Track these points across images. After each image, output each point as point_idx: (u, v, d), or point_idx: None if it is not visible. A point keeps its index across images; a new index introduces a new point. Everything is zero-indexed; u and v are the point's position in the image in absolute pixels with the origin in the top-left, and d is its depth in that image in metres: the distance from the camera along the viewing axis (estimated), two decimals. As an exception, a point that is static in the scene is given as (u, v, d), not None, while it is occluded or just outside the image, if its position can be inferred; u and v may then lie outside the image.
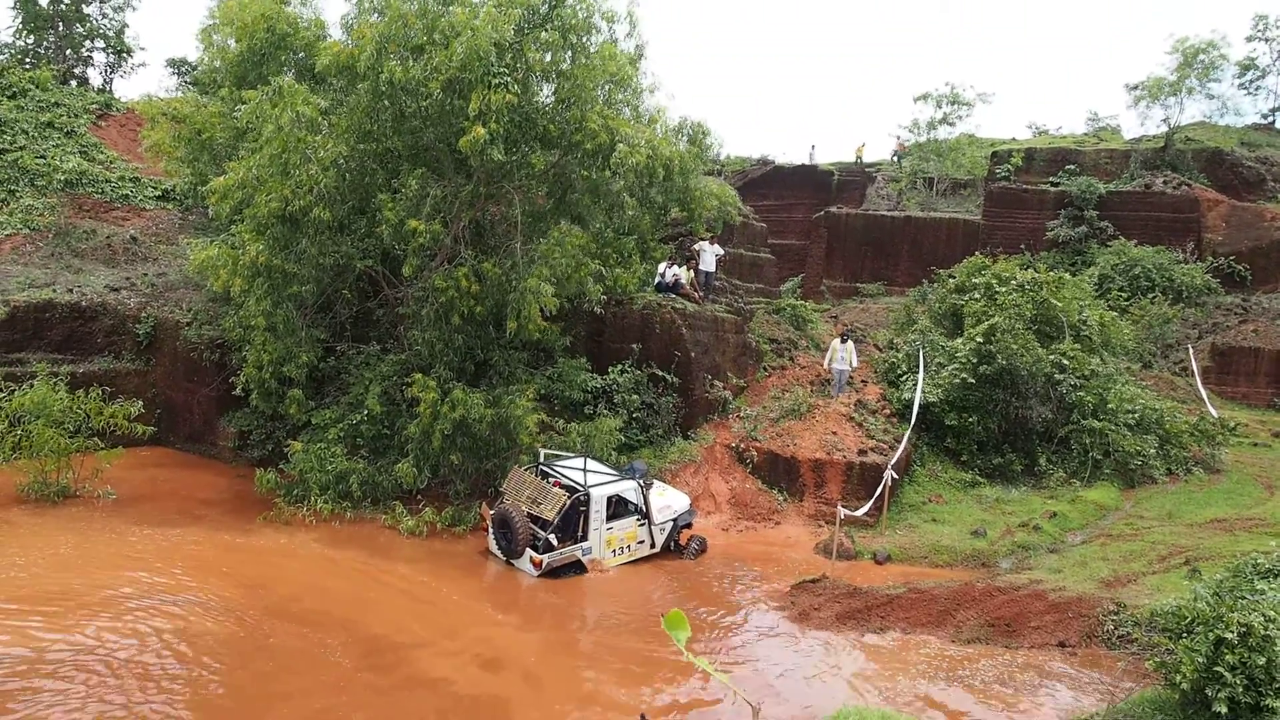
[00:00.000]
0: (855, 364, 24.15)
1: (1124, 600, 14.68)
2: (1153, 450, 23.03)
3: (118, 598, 13.63)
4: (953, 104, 46.29)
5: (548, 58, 19.01)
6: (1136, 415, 23.41)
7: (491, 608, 15.11)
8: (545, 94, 19.82)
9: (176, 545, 16.28)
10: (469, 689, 12.01)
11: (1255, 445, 25.81)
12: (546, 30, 18.53)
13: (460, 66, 17.51)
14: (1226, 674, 9.52)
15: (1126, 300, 33.03)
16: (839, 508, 18.44)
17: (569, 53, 19.17)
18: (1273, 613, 9.90)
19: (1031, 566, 17.57)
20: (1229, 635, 9.62)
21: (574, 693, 12.29)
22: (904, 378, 24.05)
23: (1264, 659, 9.47)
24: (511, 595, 15.83)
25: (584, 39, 19.23)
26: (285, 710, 11.20)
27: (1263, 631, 9.57)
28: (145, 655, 11.98)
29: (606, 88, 19.49)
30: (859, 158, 53.61)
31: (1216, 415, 26.21)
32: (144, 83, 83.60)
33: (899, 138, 51.34)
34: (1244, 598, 10.43)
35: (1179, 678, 9.98)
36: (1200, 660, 9.75)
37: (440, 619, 14.28)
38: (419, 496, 18.97)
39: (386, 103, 18.68)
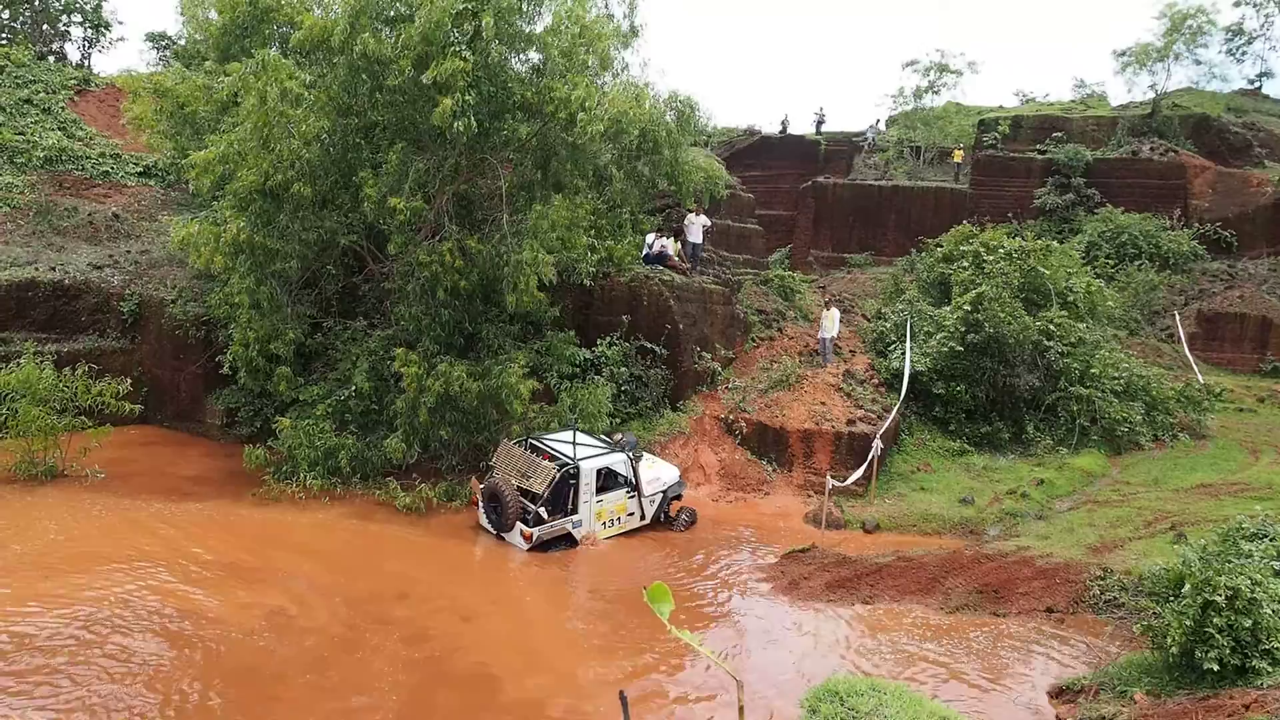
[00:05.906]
0: (837, 330, 24.12)
1: (1111, 566, 14.83)
2: (1139, 417, 23.18)
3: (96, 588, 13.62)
4: (940, 72, 46.11)
5: (528, 28, 18.70)
6: (1123, 382, 23.52)
7: (450, 573, 15.15)
8: (519, 62, 19.54)
9: (165, 522, 16.24)
10: (440, 643, 12.07)
11: (1241, 410, 26.01)
12: None
13: (423, 40, 17.29)
14: (1216, 635, 9.64)
15: (1113, 267, 33.11)
16: (828, 477, 18.53)
17: (528, 12, 18.75)
18: (1259, 576, 10.01)
19: (1019, 533, 17.72)
20: (1217, 598, 9.73)
21: (556, 666, 12.35)
22: (892, 347, 24.08)
23: (1250, 621, 9.61)
24: (497, 568, 15.89)
25: None
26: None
27: (1249, 595, 9.69)
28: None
29: (591, 60, 19.14)
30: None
31: (1202, 381, 26.35)
32: (122, 58, 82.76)
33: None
34: (1230, 561, 10.53)
35: (1168, 640, 10.10)
36: (1189, 623, 9.86)
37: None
38: (412, 473, 18.91)
39: (365, 77, 18.44)
